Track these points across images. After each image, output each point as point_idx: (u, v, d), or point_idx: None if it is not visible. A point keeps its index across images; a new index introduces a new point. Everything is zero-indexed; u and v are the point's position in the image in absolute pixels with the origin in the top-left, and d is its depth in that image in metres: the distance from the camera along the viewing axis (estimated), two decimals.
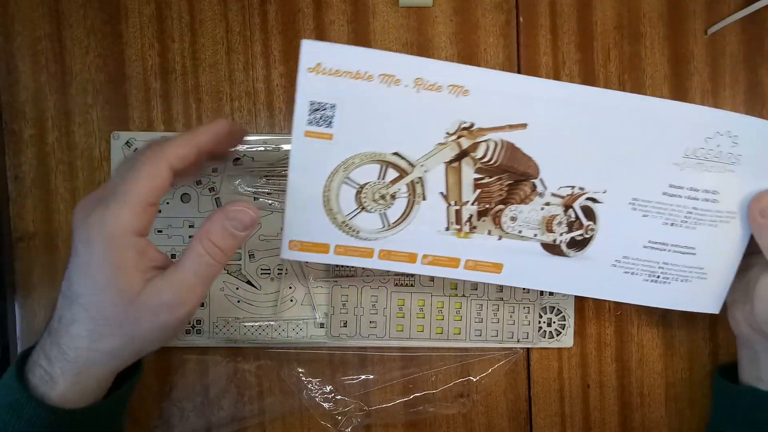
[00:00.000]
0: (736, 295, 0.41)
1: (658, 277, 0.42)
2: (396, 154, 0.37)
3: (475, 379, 0.48)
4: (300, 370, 0.47)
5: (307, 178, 0.37)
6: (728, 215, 0.40)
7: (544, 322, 0.47)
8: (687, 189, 0.39)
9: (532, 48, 0.47)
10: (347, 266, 0.46)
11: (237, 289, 0.46)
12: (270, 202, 0.46)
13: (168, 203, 0.46)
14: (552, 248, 0.41)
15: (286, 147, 0.46)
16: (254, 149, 0.46)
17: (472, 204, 0.39)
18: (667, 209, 0.40)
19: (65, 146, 0.46)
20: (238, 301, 0.46)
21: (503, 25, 0.47)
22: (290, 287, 0.46)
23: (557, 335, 0.47)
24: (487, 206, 0.39)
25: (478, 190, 0.39)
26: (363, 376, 0.47)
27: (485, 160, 0.38)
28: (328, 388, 0.47)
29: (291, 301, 0.46)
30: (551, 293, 0.47)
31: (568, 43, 0.47)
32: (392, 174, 0.38)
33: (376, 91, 0.35)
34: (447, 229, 0.40)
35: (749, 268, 0.40)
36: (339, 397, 0.47)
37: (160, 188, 0.33)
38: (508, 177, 0.39)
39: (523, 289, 0.47)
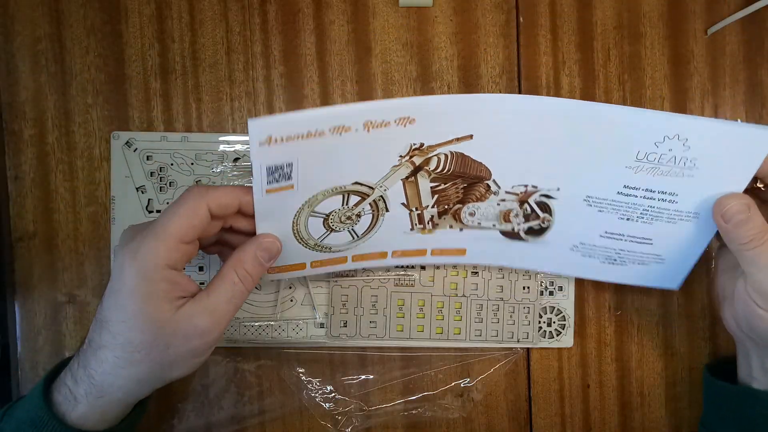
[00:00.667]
0: (725, 292, 0.41)
1: (615, 260, 0.44)
2: (356, 183, 0.38)
3: (475, 380, 0.48)
4: (300, 370, 0.47)
5: (274, 222, 0.38)
6: (688, 215, 0.40)
7: (544, 322, 0.47)
8: (642, 190, 0.39)
9: (532, 48, 0.47)
10: None
11: None
12: None
13: (168, 203, 0.46)
14: (511, 235, 0.43)
15: None
16: None
17: (432, 207, 0.41)
18: (623, 206, 0.40)
19: (65, 146, 0.46)
20: None
21: (503, 25, 0.47)
22: (290, 287, 0.46)
23: (557, 335, 0.47)
24: (446, 207, 0.41)
25: (436, 195, 0.41)
26: (363, 376, 0.47)
27: (438, 170, 0.39)
28: (328, 388, 0.47)
29: (291, 301, 0.46)
30: (551, 293, 0.47)
31: (568, 43, 0.47)
32: (355, 199, 0.39)
33: (329, 142, 0.35)
34: (411, 229, 0.42)
35: (734, 267, 0.40)
36: (339, 397, 0.47)
37: (196, 227, 0.34)
38: (462, 181, 0.40)
39: (523, 288, 0.47)
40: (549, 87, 0.47)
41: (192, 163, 0.46)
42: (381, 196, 0.40)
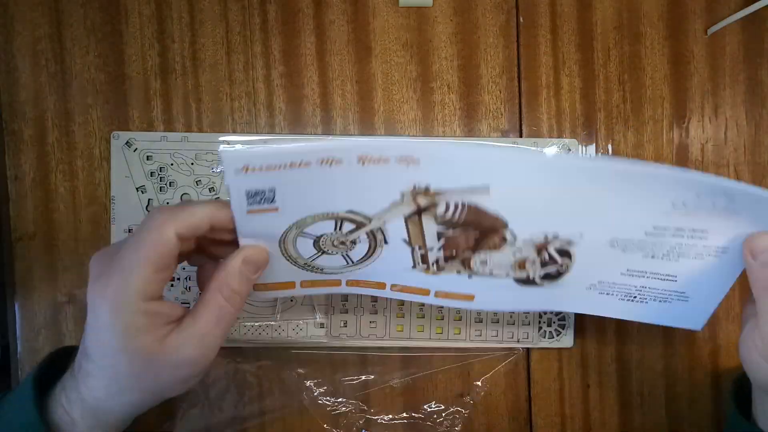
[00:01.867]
0: (747, 325, 0.38)
1: (635, 297, 0.41)
2: (350, 211, 0.35)
3: (475, 380, 0.48)
4: (300, 370, 0.47)
5: (259, 240, 0.35)
6: (717, 250, 0.38)
7: (544, 322, 0.47)
8: (673, 229, 0.37)
9: (532, 48, 0.47)
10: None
11: None
12: None
13: (168, 203, 0.46)
14: (525, 282, 0.39)
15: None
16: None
17: (438, 250, 0.37)
18: (649, 245, 0.37)
19: (65, 146, 0.46)
20: None
21: (503, 25, 0.47)
22: None
23: (557, 335, 0.47)
24: (454, 252, 0.38)
25: (443, 240, 0.37)
26: (363, 377, 0.47)
27: (447, 218, 0.35)
28: (328, 389, 0.47)
29: (291, 301, 0.46)
30: None
31: (568, 43, 0.47)
32: (349, 226, 0.36)
33: (316, 173, 0.32)
34: (414, 267, 0.38)
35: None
36: (339, 398, 0.47)
37: (165, 255, 0.32)
38: (474, 229, 0.36)
39: None
40: (549, 87, 0.47)
41: (192, 163, 0.46)
42: (379, 228, 0.36)
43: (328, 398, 0.47)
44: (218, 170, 0.46)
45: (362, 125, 0.47)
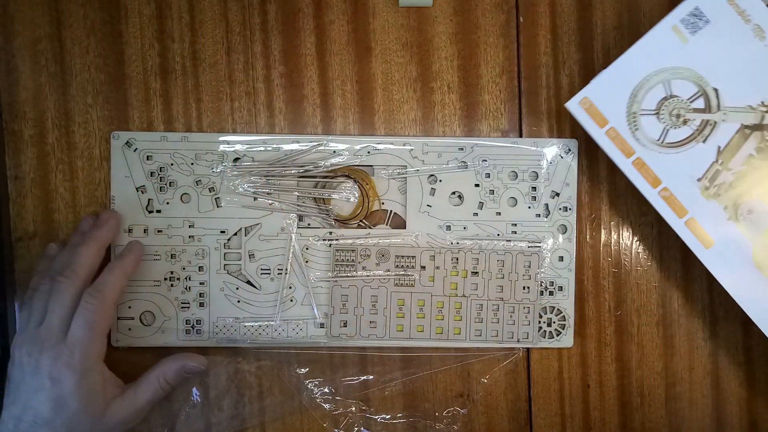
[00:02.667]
0: None
1: None
2: (715, 89, 0.41)
3: (475, 380, 0.48)
4: (300, 370, 0.47)
5: (642, 61, 0.41)
6: None
7: (544, 322, 0.47)
8: None
9: (532, 48, 0.47)
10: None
11: (237, 289, 0.46)
12: (270, 202, 0.46)
13: (168, 203, 0.46)
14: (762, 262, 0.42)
15: (286, 147, 0.46)
16: (254, 149, 0.46)
17: (731, 174, 0.41)
18: None
19: (65, 146, 0.46)
20: (238, 302, 0.46)
21: (503, 25, 0.47)
22: (290, 287, 0.46)
23: (557, 335, 0.47)
24: (741, 187, 0.41)
25: (744, 166, 0.41)
26: (363, 377, 0.47)
27: None
28: (328, 389, 0.47)
29: (291, 301, 0.46)
30: (551, 293, 0.47)
31: (568, 43, 0.47)
32: (699, 104, 0.41)
33: (741, 39, 0.40)
34: (699, 180, 0.42)
35: None
36: (339, 397, 0.47)
37: (110, 317, 0.41)
38: None
39: (523, 288, 0.47)
40: (549, 87, 0.47)
41: (192, 163, 0.46)
42: (715, 122, 0.41)
43: (328, 398, 0.47)
44: (218, 170, 0.46)
45: (362, 125, 0.47)
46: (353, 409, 0.47)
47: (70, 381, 0.38)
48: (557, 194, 0.47)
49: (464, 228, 0.47)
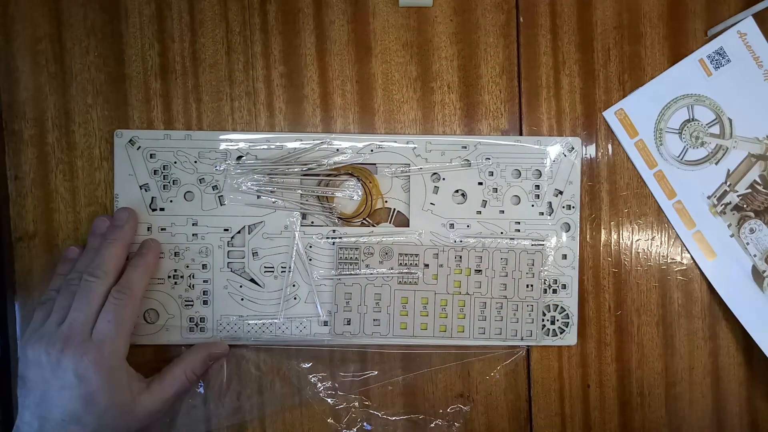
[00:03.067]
0: None
1: None
2: (730, 119, 0.46)
3: (475, 379, 0.48)
4: (303, 367, 0.47)
5: (672, 84, 0.46)
6: None
7: (548, 320, 0.47)
8: None
9: (532, 48, 0.47)
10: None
11: (241, 287, 0.46)
12: (273, 200, 0.46)
13: (171, 201, 0.46)
14: (757, 276, 0.47)
15: (289, 145, 0.46)
16: (257, 147, 0.46)
17: (736, 195, 0.46)
18: None
19: (65, 146, 0.46)
20: (242, 299, 0.46)
21: (503, 25, 0.47)
22: (294, 285, 0.46)
23: (560, 333, 0.47)
24: (744, 206, 0.46)
25: (749, 190, 0.46)
26: (365, 374, 0.47)
27: None
28: (330, 386, 0.47)
29: (294, 299, 0.46)
30: (554, 291, 0.47)
31: (568, 43, 0.48)
32: (715, 129, 0.46)
33: (755, 80, 0.46)
34: (708, 197, 0.47)
35: None
36: (341, 394, 0.47)
37: (136, 315, 0.43)
38: None
39: (527, 286, 0.47)
40: (549, 87, 0.47)
41: (195, 161, 0.46)
42: (727, 147, 0.46)
43: (331, 392, 0.47)
44: (221, 168, 0.46)
45: (362, 125, 0.47)
46: (356, 404, 0.47)
47: (97, 378, 0.38)
48: (560, 192, 0.47)
49: (467, 226, 0.47)
